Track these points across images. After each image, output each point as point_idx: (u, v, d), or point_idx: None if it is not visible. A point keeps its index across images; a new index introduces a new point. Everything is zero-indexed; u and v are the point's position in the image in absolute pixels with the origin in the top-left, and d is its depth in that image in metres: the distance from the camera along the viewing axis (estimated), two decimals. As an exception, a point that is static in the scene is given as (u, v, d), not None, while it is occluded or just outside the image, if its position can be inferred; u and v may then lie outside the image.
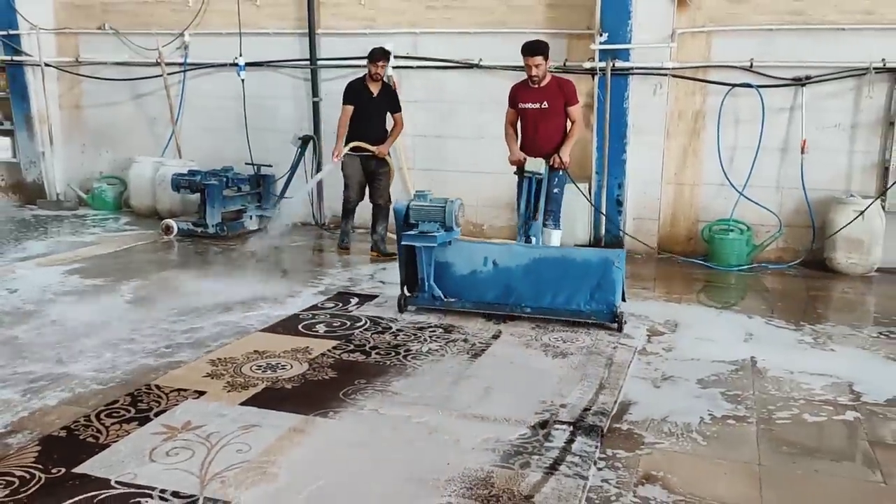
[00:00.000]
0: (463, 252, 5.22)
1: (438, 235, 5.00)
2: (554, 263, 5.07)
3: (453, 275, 5.22)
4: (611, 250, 5.29)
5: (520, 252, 5.21)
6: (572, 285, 4.96)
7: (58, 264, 6.58)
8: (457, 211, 5.09)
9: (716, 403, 3.78)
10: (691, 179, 7.35)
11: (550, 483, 2.96)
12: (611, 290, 4.91)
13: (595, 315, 4.93)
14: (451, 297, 5.17)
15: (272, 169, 8.46)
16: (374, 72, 6.87)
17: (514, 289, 5.07)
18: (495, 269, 5.13)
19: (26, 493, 2.80)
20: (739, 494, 2.89)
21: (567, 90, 5.95)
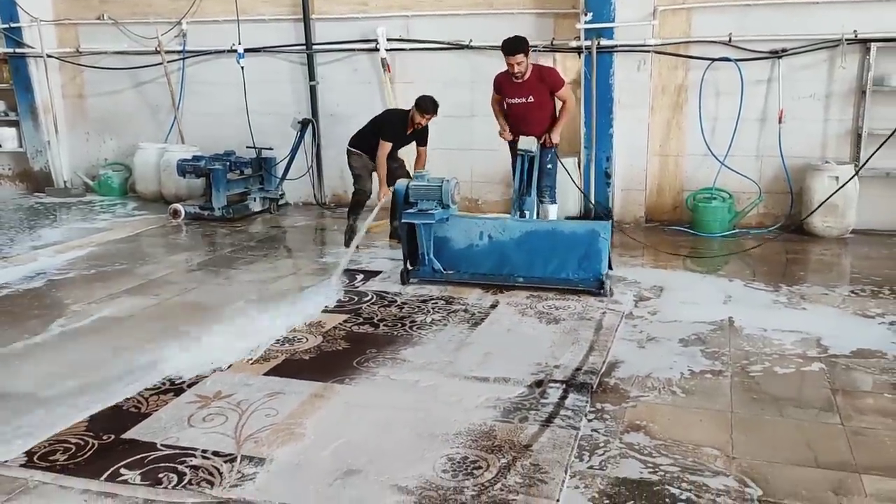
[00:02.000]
0: (460, 227, 5.61)
1: (436, 213, 5.38)
2: (544, 236, 5.47)
3: (451, 248, 5.63)
4: (597, 222, 5.64)
5: (512, 226, 5.59)
6: (562, 256, 5.36)
7: (74, 249, 6.92)
8: (453, 189, 5.44)
9: (695, 360, 4.17)
10: (675, 151, 7.68)
11: (546, 434, 3.34)
12: (597, 259, 5.30)
13: (583, 283, 5.31)
14: (449, 269, 5.58)
15: (273, 152, 8.77)
16: (418, 122, 6.64)
17: (508, 260, 5.48)
18: (490, 243, 5.54)
19: (83, 456, 3.18)
20: (712, 438, 3.28)
21: (549, 79, 6.14)
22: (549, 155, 6.30)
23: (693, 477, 2.96)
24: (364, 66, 8.58)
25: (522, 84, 6.08)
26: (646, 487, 2.90)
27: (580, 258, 5.33)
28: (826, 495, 2.83)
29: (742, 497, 2.82)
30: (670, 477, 2.97)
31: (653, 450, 3.18)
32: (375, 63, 8.46)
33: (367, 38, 8.39)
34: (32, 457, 3.17)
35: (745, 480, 2.93)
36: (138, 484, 2.95)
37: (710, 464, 3.06)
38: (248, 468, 3.05)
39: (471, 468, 3.04)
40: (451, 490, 2.88)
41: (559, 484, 2.93)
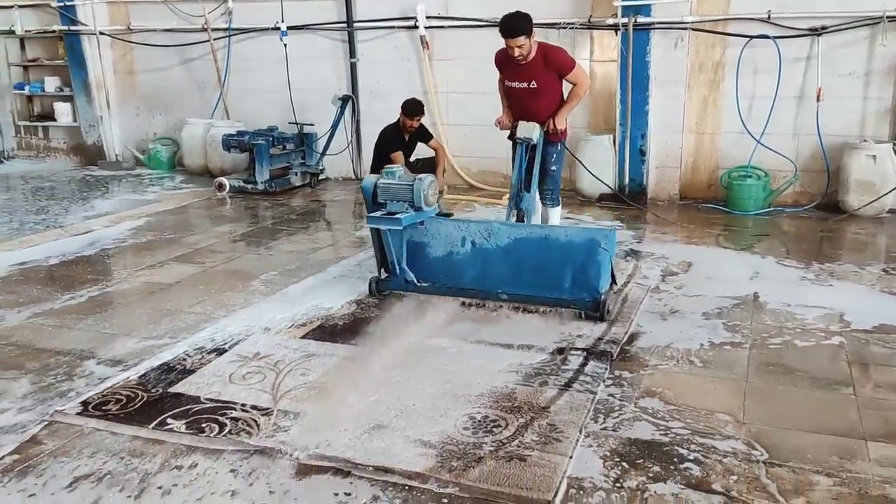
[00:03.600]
0: (439, 232, 4.79)
1: (404, 217, 4.50)
2: (536, 244, 4.62)
3: (428, 256, 4.82)
4: (600, 229, 4.80)
5: (500, 231, 4.69)
6: (554, 269, 4.51)
7: (128, 220, 7.25)
8: (425, 190, 4.51)
9: (716, 332, 4.28)
10: (711, 128, 7.70)
11: (564, 397, 3.51)
12: (595, 274, 4.45)
13: (576, 303, 4.46)
14: (425, 280, 4.80)
15: (314, 127, 9.00)
16: (409, 125, 6.89)
17: (493, 271, 4.67)
18: (473, 250, 4.71)
19: (133, 407, 3.44)
20: (725, 405, 3.41)
21: (555, 62, 5.22)
22: (553, 154, 5.46)
23: (702, 439, 3.11)
24: (404, 43, 8.72)
25: (524, 66, 5.18)
26: (656, 448, 3.05)
27: (575, 272, 4.47)
28: (830, 459, 2.94)
29: (748, 459, 2.96)
30: (680, 439, 3.11)
31: (666, 414, 3.33)
32: (415, 40, 8.60)
33: (407, 15, 8.53)
34: (87, 406, 3.45)
35: (752, 444, 3.06)
36: (183, 432, 3.20)
37: (721, 428, 3.20)
38: (284, 421, 3.28)
39: (490, 426, 3.23)
40: (470, 445, 3.07)
41: (573, 442, 3.09)
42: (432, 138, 7.22)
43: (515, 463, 2.94)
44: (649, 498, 2.71)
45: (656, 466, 2.91)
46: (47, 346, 4.18)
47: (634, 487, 2.78)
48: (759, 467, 2.90)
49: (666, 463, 2.94)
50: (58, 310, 4.77)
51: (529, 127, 5.28)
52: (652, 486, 2.78)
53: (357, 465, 2.93)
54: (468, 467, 2.92)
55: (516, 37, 5.01)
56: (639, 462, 2.95)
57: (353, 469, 2.91)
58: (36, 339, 4.29)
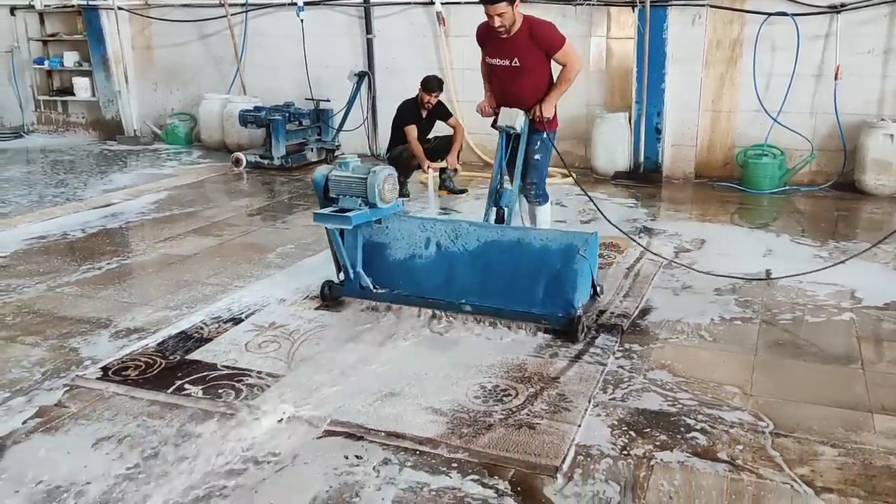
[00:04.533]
0: (402, 232, 4.27)
1: (355, 215, 3.94)
2: (508, 249, 4.06)
3: (388, 259, 4.29)
4: (580, 233, 4.11)
5: (468, 233, 4.15)
6: (525, 279, 3.97)
7: (146, 194, 7.34)
8: (381, 184, 3.94)
9: (727, 308, 4.30)
10: (728, 107, 7.66)
11: (574, 368, 3.56)
12: (570, 286, 3.87)
13: (547, 319, 3.90)
14: (383, 286, 4.25)
15: (330, 103, 9.03)
16: (426, 101, 6.90)
17: (458, 279, 4.12)
18: (438, 254, 4.18)
19: (152, 373, 3.52)
20: (733, 378, 3.44)
21: (542, 38, 4.57)
22: (538, 142, 4.78)
23: (710, 410, 3.15)
24: (420, 19, 8.71)
25: (507, 41, 4.56)
26: (663, 417, 3.10)
27: (549, 283, 3.91)
28: (836, 430, 2.98)
29: (754, 429, 3.00)
30: (688, 410, 3.16)
31: (674, 386, 3.37)
32: (431, 17, 8.59)
33: (424, -9, 8.53)
34: (107, 372, 3.53)
35: (759, 415, 3.10)
36: (200, 397, 3.28)
37: (728, 400, 3.24)
38: (297, 388, 3.35)
39: (500, 395, 3.28)
40: (480, 413, 3.13)
41: (582, 412, 3.15)
42: (451, 116, 7.22)
43: (525, 430, 3.00)
44: (655, 465, 2.76)
45: (663, 435, 2.96)
46: (68, 315, 4.27)
47: (641, 455, 2.83)
48: (764, 438, 2.94)
49: (673, 432, 2.98)
50: (78, 280, 4.86)
51: (512, 114, 4.63)
52: (658, 455, 2.83)
53: (369, 430, 3.00)
54: (478, 434, 2.98)
55: (496, 3, 4.39)
56: (646, 431, 3.00)
57: (366, 434, 2.98)
58: (56, 307, 4.39)
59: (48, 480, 2.67)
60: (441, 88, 7.00)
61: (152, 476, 2.70)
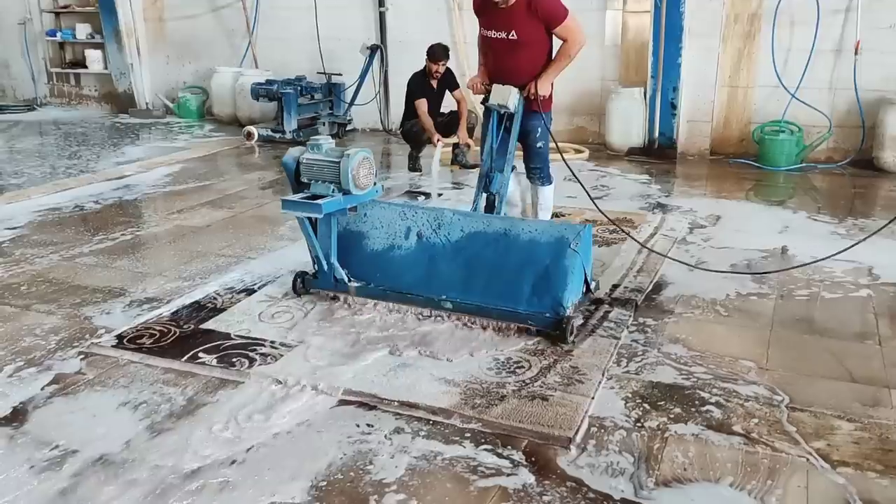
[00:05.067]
0: (381, 220, 3.94)
1: (326, 202, 3.59)
2: (493, 241, 3.72)
3: (365, 250, 3.95)
4: (572, 225, 3.94)
5: (452, 222, 3.81)
6: (511, 274, 3.63)
7: (157, 167, 7.34)
8: (354, 168, 3.59)
9: (742, 284, 4.27)
10: (745, 82, 7.57)
11: (588, 342, 3.54)
12: (560, 283, 3.53)
13: (533, 320, 3.55)
14: (359, 278, 3.92)
15: (342, 77, 8.98)
16: (434, 70, 6.86)
17: (439, 272, 3.78)
18: (419, 245, 3.85)
19: (166, 341, 3.54)
20: (748, 352, 3.42)
21: (543, 10, 4.21)
22: (538, 129, 4.47)
23: (725, 384, 3.13)
24: (433, -8, 8.64)
25: (504, 12, 4.22)
26: (678, 391, 3.08)
27: (537, 280, 3.58)
28: (852, 405, 2.95)
29: (770, 403, 2.98)
30: (702, 383, 3.14)
31: (689, 360, 3.35)
32: (444, -11, 8.52)
33: (437, -37, 8.43)
34: (122, 340, 3.55)
35: (774, 389, 3.08)
36: (214, 365, 3.28)
37: (743, 374, 3.21)
38: (311, 358, 3.35)
39: (514, 367, 3.27)
40: (493, 384, 3.12)
41: (595, 384, 3.13)
42: (457, 88, 7.12)
43: (538, 402, 2.99)
44: (669, 438, 2.75)
45: (677, 408, 2.95)
46: (82, 284, 4.29)
47: (655, 427, 2.82)
48: (780, 411, 2.92)
49: (687, 405, 2.97)
50: (92, 250, 4.87)
51: (504, 91, 4.27)
52: (672, 427, 2.82)
53: (382, 400, 3.00)
54: (491, 405, 2.97)
55: None
56: (660, 404, 2.98)
57: (379, 403, 2.98)
58: (71, 277, 4.40)
59: (65, 445, 2.69)
60: (447, 56, 6.91)
61: (167, 442, 2.71)
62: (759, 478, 2.52)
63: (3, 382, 3.15)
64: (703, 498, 2.42)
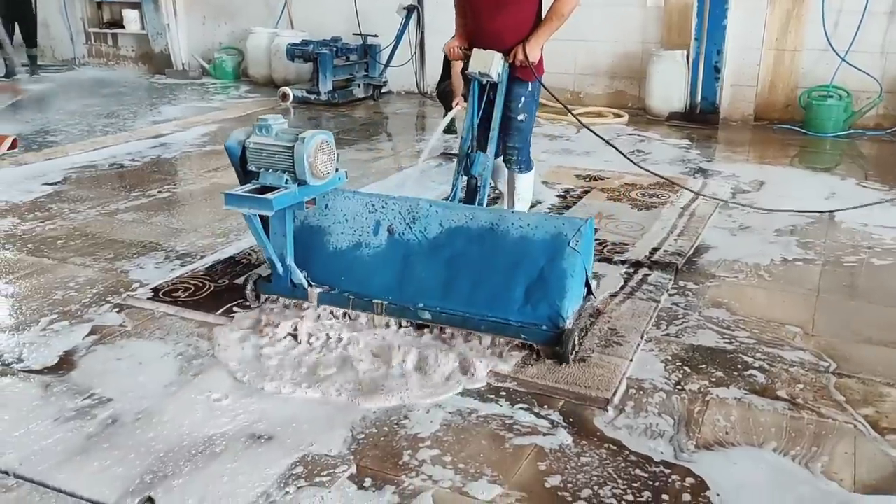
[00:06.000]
0: (345, 213, 3.28)
1: (277, 196, 2.95)
2: (478, 238, 3.07)
3: (327, 249, 3.31)
4: (571, 219, 3.17)
5: (429, 215, 3.15)
6: (501, 276, 3.03)
7: (193, 126, 7.34)
8: (311, 154, 2.97)
9: (788, 249, 4.14)
10: (793, 45, 7.31)
11: (627, 304, 3.46)
12: (558, 288, 2.95)
13: (527, 332, 2.96)
14: (321, 283, 3.30)
15: (378, 39, 8.87)
16: None
17: (414, 275, 3.16)
18: (390, 242, 3.21)
19: (201, 296, 3.53)
20: (794, 317, 3.31)
21: None
22: (522, 97, 3.72)
23: (769, 349, 3.04)
24: (472, -49, 8.43)
25: None
26: (719, 354, 3.00)
27: (529, 285, 2.98)
28: (902, 373, 2.86)
29: (816, 369, 2.89)
30: (745, 347, 3.05)
31: (731, 324, 3.26)
32: (483, -52, 8.30)
33: (476, -79, 8.21)
34: (158, 293, 3.55)
35: (821, 355, 2.98)
36: (247, 319, 3.27)
37: (789, 339, 3.12)
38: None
39: (551, 327, 3.21)
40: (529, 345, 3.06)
41: (634, 347, 3.06)
42: None
43: (575, 363, 2.93)
44: (711, 401, 2.68)
45: (719, 372, 2.87)
46: (118, 238, 4.30)
47: (696, 390, 2.75)
48: (826, 377, 2.83)
49: (729, 369, 2.89)
50: (128, 207, 4.88)
51: (486, 57, 3.61)
52: (714, 391, 2.75)
53: (418, 357, 2.94)
54: (526, 365, 2.92)
55: None
56: (701, 367, 2.91)
57: (415, 360, 2.93)
58: (107, 231, 4.42)
59: (101, 394, 2.70)
60: None
61: (202, 392, 2.71)
62: (804, 444, 2.44)
63: (43, 333, 3.17)
64: (745, 462, 2.35)
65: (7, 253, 4.08)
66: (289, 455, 2.36)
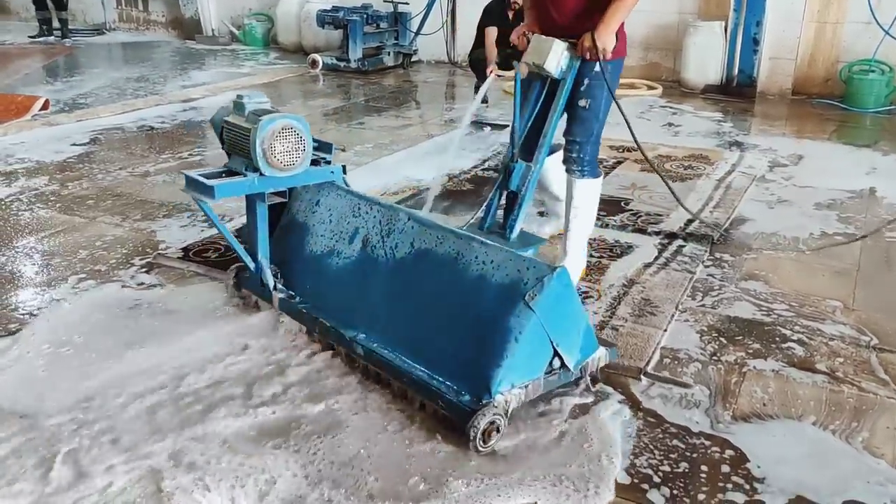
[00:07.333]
0: (331, 213, 2.89)
1: (220, 184, 2.61)
2: (440, 266, 2.48)
3: (304, 250, 2.93)
4: (541, 264, 2.27)
5: (403, 231, 2.62)
6: (445, 320, 2.41)
7: (224, 91, 7.32)
8: (265, 141, 2.59)
9: (827, 223, 4.04)
10: (835, 17, 7.11)
11: (661, 275, 3.40)
12: (495, 351, 2.23)
13: (444, 398, 2.25)
14: (292, 287, 2.91)
15: (408, 6, 8.76)
16: (514, 1, 6.45)
17: (367, 297, 2.67)
18: (360, 255, 2.74)
19: (231, 255, 3.50)
20: (834, 292, 3.22)
21: None
22: (587, 77, 3.02)
23: (808, 322, 2.96)
24: (506, -84, 8.26)
25: None
26: (757, 326, 2.93)
27: (468, 338, 2.31)
28: (948, 350, 2.77)
29: (856, 343, 2.81)
30: (783, 320, 2.98)
31: (769, 296, 3.18)
32: (518, -86, 8.14)
33: None
34: (188, 252, 3.55)
35: (862, 329, 2.90)
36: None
37: (828, 313, 3.04)
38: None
39: (581, 297, 3.15)
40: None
41: (668, 317, 3.00)
42: None
43: (608, 332, 2.88)
44: (748, 373, 2.62)
45: (756, 344, 2.80)
46: (148, 198, 4.31)
47: (732, 362, 2.68)
48: (867, 352, 2.75)
49: (767, 341, 2.82)
50: (158, 168, 4.89)
51: (544, 46, 2.96)
52: (751, 362, 2.68)
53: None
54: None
55: None
56: (738, 339, 2.84)
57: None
58: (138, 191, 4.43)
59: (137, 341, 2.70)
60: None
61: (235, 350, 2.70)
62: (844, 418, 2.37)
63: (74, 287, 3.18)
64: (784, 434, 2.29)
65: (41, 211, 4.10)
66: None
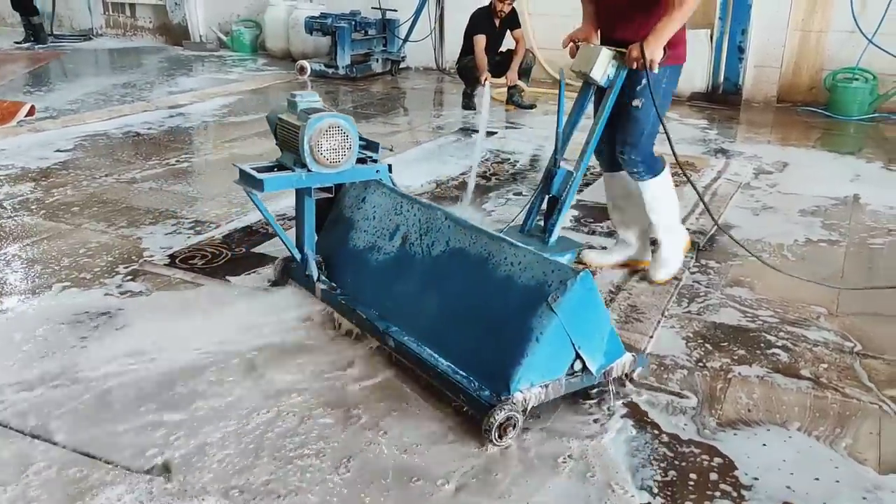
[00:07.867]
0: (376, 210, 3.01)
1: (269, 178, 2.80)
2: (472, 267, 2.55)
3: (348, 244, 3.05)
4: (566, 267, 2.32)
5: (441, 230, 2.71)
6: (473, 319, 2.48)
7: (212, 98, 7.31)
8: (312, 138, 2.76)
9: (811, 230, 4.08)
10: (819, 26, 7.18)
11: (646, 281, 3.42)
12: (514, 350, 2.28)
13: (466, 392, 2.32)
14: (336, 280, 3.04)
15: (397, 13, 8.78)
16: (499, 9, 6.63)
17: (403, 292, 2.77)
18: (400, 251, 2.84)
19: (218, 263, 3.51)
20: (818, 298, 3.25)
21: None
22: (642, 78, 3.06)
23: (792, 328, 2.99)
24: (494, -76, 8.30)
25: None
26: (742, 333, 2.95)
27: (492, 336, 2.38)
28: (930, 355, 2.80)
29: (840, 349, 2.83)
30: (768, 326, 3.00)
31: (754, 303, 3.21)
32: (506, -78, 8.18)
33: None
34: (175, 259, 3.54)
35: (846, 335, 2.93)
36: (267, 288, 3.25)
37: (812, 319, 3.07)
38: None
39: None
40: (549, 318, 3.02)
41: (654, 323, 3.02)
42: (518, 28, 6.94)
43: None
44: (733, 379, 2.64)
45: (742, 350, 2.82)
46: (135, 205, 4.29)
47: (718, 368, 2.70)
48: (851, 357, 2.78)
49: (752, 348, 2.84)
50: (144, 175, 4.86)
51: (592, 54, 3.05)
52: (736, 368, 2.70)
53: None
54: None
55: None
56: (723, 345, 2.86)
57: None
58: (124, 198, 4.41)
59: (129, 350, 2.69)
60: None
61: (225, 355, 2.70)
62: (829, 423, 2.39)
63: (58, 294, 3.17)
64: (768, 440, 2.31)
65: (25, 218, 4.07)
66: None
